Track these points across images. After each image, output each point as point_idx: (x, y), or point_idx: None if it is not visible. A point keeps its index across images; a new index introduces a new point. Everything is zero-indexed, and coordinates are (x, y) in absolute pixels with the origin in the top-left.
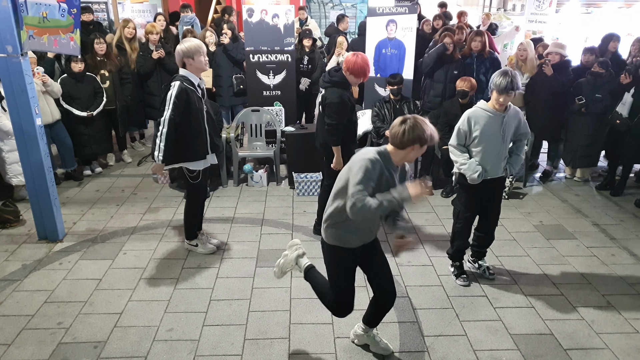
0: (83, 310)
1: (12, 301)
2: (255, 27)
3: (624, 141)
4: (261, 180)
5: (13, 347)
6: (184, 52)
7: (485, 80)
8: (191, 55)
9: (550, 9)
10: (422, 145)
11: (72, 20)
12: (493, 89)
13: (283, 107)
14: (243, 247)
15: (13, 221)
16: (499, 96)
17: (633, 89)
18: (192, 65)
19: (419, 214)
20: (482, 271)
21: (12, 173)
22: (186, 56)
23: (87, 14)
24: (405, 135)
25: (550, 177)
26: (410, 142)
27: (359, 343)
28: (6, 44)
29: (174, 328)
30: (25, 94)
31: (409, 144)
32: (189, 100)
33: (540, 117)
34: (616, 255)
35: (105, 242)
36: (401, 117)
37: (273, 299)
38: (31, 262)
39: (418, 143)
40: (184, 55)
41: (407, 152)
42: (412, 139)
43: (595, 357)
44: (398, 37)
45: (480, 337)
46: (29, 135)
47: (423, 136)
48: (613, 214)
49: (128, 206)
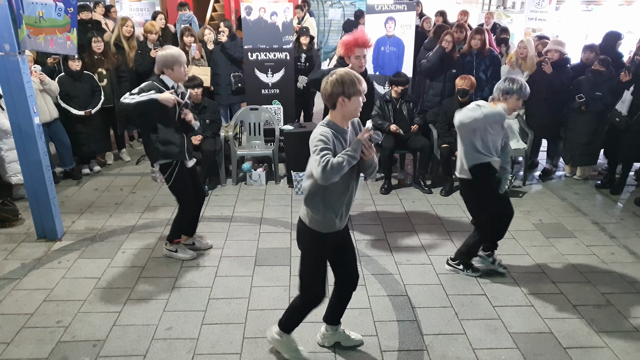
0: (82, 309)
1: (11, 300)
2: (254, 25)
3: (623, 139)
4: (260, 179)
5: (12, 345)
6: (163, 62)
7: (484, 78)
8: (170, 66)
9: (550, 6)
10: (349, 97)
11: (69, 19)
12: (514, 94)
13: (282, 105)
14: (242, 246)
15: (12, 220)
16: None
17: (632, 87)
18: (171, 75)
19: (419, 214)
20: (497, 265)
21: (11, 172)
22: (165, 66)
23: (85, 12)
24: (328, 91)
25: (550, 176)
26: (335, 96)
27: (330, 343)
28: (3, 42)
29: (173, 327)
30: (23, 93)
31: (335, 98)
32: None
33: (539, 115)
34: (616, 254)
35: (104, 241)
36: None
37: (272, 297)
38: (30, 260)
39: (342, 95)
40: (163, 65)
41: (341, 108)
42: (336, 93)
43: (594, 355)
44: (397, 35)
45: (480, 335)
46: (27, 134)
47: (343, 88)
48: (613, 213)
49: (127, 205)
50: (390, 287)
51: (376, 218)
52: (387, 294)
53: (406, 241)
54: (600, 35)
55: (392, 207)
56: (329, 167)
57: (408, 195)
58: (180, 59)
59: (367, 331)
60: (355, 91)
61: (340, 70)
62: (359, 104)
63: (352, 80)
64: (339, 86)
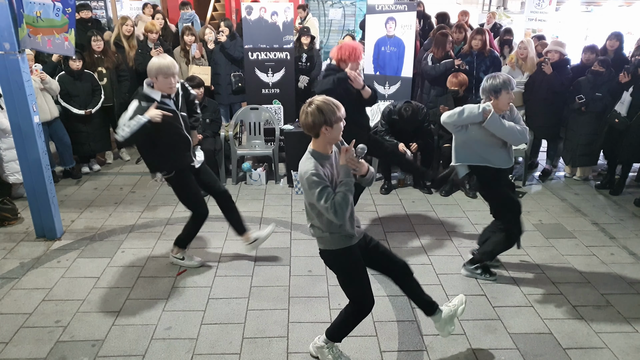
0: (81, 309)
1: (10, 299)
2: (254, 25)
3: (622, 140)
4: (260, 178)
5: (11, 345)
6: (148, 72)
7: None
8: (154, 75)
9: (550, 7)
10: (331, 125)
11: (67, 20)
12: (502, 90)
13: (282, 105)
14: (241, 246)
15: (11, 219)
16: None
17: (632, 88)
18: (157, 84)
19: (419, 214)
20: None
21: (9, 171)
22: (150, 75)
23: (85, 11)
24: (310, 122)
25: (550, 176)
26: (318, 126)
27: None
28: (3, 41)
29: (172, 326)
30: (23, 92)
31: (317, 128)
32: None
33: (539, 116)
34: (615, 255)
35: (103, 240)
36: (304, 105)
37: (271, 297)
38: (29, 260)
39: (324, 125)
40: (149, 73)
41: (323, 136)
42: (318, 123)
43: (594, 356)
44: (397, 35)
45: (479, 336)
46: (26, 133)
47: (326, 117)
48: (612, 213)
49: (126, 204)
50: (390, 287)
51: (376, 218)
52: (387, 294)
53: (406, 241)
54: (600, 36)
55: (392, 207)
56: (337, 207)
57: (408, 195)
58: (166, 70)
59: (367, 331)
60: (337, 118)
61: (316, 99)
62: (340, 130)
63: (331, 108)
64: (320, 116)
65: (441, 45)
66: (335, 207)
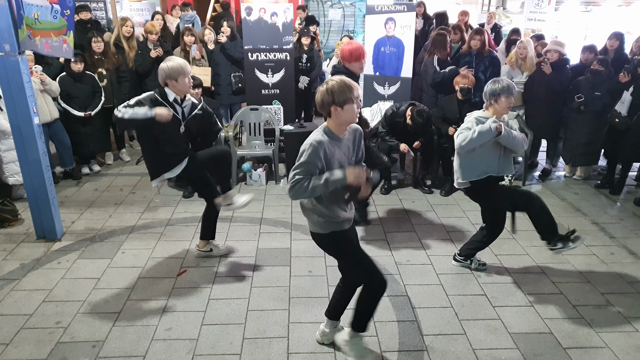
0: (81, 310)
1: (10, 300)
2: (254, 26)
3: (623, 140)
4: (260, 179)
5: (11, 346)
6: (167, 74)
7: (484, 78)
8: (175, 77)
9: (550, 7)
10: (341, 106)
11: (65, 22)
12: (502, 94)
13: (282, 105)
14: (242, 246)
15: (11, 220)
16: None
17: (632, 87)
18: (175, 87)
19: (419, 214)
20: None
21: (9, 172)
22: (169, 77)
23: (84, 13)
24: (319, 101)
25: (550, 176)
26: (327, 105)
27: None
28: (4, 42)
29: (173, 327)
30: (23, 93)
31: (327, 107)
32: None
33: (538, 116)
34: (615, 254)
35: (103, 241)
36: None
37: (272, 298)
38: (29, 261)
39: (333, 105)
40: (167, 76)
41: (335, 117)
42: (327, 103)
43: (594, 356)
44: (397, 35)
45: (480, 336)
46: (27, 134)
47: (333, 97)
48: (612, 213)
49: (126, 205)
50: (390, 287)
51: (376, 218)
52: (387, 294)
53: (406, 241)
54: (599, 36)
55: (392, 207)
56: (298, 188)
57: (408, 195)
58: (185, 69)
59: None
60: (347, 99)
61: (332, 79)
62: (353, 112)
63: (341, 88)
64: (328, 96)
65: (442, 46)
66: (296, 187)
